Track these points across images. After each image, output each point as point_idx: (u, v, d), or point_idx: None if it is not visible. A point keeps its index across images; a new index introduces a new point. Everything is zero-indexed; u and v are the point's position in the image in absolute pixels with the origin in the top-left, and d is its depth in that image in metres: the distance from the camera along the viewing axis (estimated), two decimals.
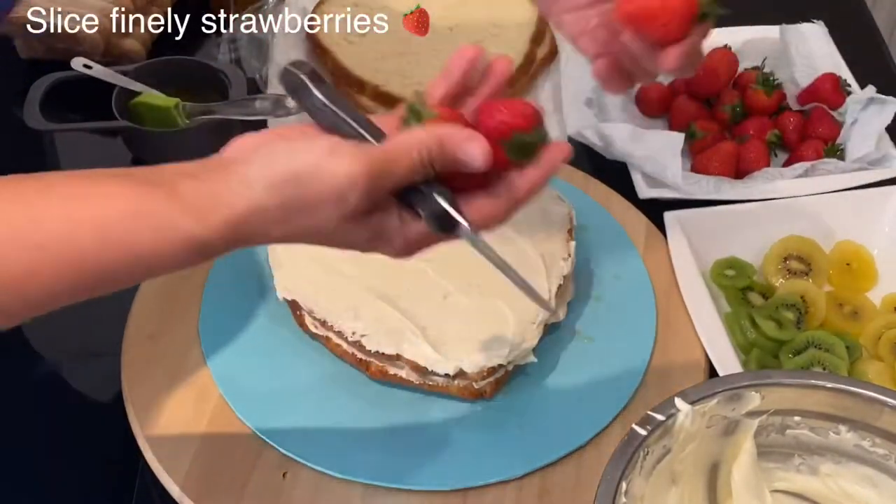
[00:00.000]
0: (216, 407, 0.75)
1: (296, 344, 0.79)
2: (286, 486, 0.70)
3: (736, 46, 1.07)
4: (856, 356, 0.81)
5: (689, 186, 0.92)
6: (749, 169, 0.96)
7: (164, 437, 0.72)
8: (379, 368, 0.75)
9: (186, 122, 0.96)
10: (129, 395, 0.75)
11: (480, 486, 0.71)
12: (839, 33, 1.09)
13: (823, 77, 1.03)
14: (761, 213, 0.90)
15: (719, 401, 0.64)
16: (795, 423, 0.66)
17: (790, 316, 0.83)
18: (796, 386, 0.65)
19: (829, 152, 0.97)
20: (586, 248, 0.86)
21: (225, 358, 0.78)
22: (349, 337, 0.75)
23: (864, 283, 0.88)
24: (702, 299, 0.83)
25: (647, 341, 0.80)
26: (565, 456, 0.72)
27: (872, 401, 0.64)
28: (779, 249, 0.89)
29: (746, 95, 1.02)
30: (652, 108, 1.04)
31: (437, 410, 0.75)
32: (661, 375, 0.78)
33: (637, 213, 0.91)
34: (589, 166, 0.98)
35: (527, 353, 0.75)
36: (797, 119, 1.00)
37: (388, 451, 0.72)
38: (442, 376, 0.74)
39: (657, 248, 0.88)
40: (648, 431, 0.61)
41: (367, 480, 0.70)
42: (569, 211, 0.86)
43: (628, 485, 0.59)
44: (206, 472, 0.71)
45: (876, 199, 0.91)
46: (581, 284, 0.84)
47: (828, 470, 0.68)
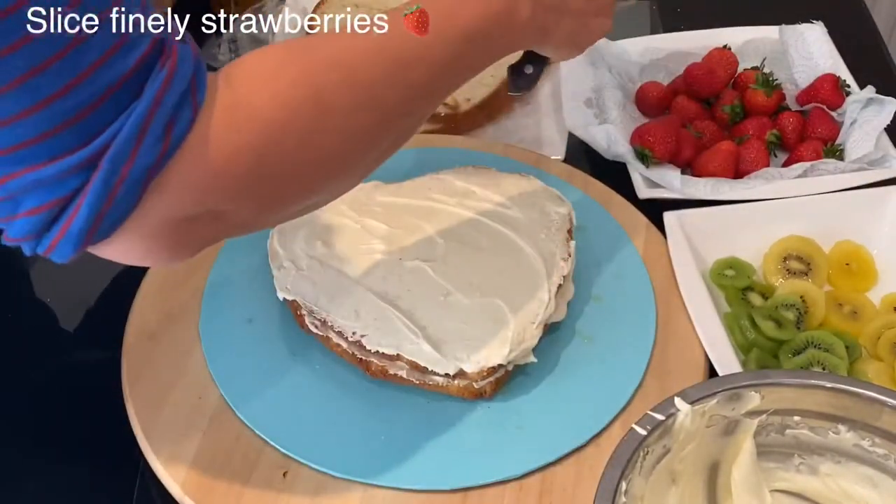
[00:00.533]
0: (216, 407, 0.75)
1: (296, 344, 0.79)
2: (286, 486, 0.70)
3: (735, 46, 1.07)
4: (855, 356, 0.81)
5: (689, 187, 0.92)
6: (748, 169, 0.96)
7: (164, 437, 0.72)
8: (379, 368, 0.75)
9: None
10: (129, 395, 0.75)
11: (480, 486, 0.71)
12: (839, 33, 1.09)
13: (823, 77, 1.03)
14: (761, 213, 0.90)
15: (719, 401, 0.64)
16: (795, 422, 0.66)
17: (790, 316, 0.83)
18: (796, 386, 0.65)
19: (828, 152, 0.97)
20: (586, 248, 0.86)
21: (225, 358, 0.78)
22: (349, 337, 0.75)
23: (863, 283, 0.88)
24: (702, 299, 0.83)
25: (647, 341, 0.80)
26: (565, 456, 0.72)
27: (872, 401, 0.64)
28: (778, 249, 0.89)
29: (746, 95, 1.02)
30: (651, 108, 1.04)
31: (437, 410, 0.75)
32: (661, 375, 0.78)
33: (637, 213, 0.91)
34: (589, 166, 0.98)
35: (527, 353, 0.75)
36: (796, 119, 1.00)
37: (388, 451, 0.72)
38: (442, 376, 0.74)
39: (657, 248, 0.88)
40: (648, 431, 0.61)
41: (367, 480, 0.70)
42: (569, 211, 0.86)
43: (628, 484, 0.59)
44: (206, 472, 0.71)
45: (875, 199, 0.91)
46: (581, 284, 0.84)
47: (827, 470, 0.68)
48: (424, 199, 0.87)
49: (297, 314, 0.80)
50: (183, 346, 0.79)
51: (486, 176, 0.89)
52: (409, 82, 0.58)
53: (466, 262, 0.80)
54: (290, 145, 0.53)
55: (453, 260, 0.81)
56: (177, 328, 0.80)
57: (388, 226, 0.84)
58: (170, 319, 0.81)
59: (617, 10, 0.78)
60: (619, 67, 1.06)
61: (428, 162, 0.92)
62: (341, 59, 0.56)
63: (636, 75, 1.07)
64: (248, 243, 0.86)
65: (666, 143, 0.95)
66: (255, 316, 0.81)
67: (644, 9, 1.23)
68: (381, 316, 0.76)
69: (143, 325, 0.80)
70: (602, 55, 1.06)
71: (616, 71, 1.06)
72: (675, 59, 1.08)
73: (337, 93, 0.55)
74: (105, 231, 0.49)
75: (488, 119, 1.04)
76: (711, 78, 1.03)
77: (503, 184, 0.88)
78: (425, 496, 0.70)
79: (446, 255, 0.81)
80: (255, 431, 0.73)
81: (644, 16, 1.22)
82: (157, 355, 0.78)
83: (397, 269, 0.79)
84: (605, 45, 1.07)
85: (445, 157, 0.93)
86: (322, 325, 0.77)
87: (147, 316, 0.81)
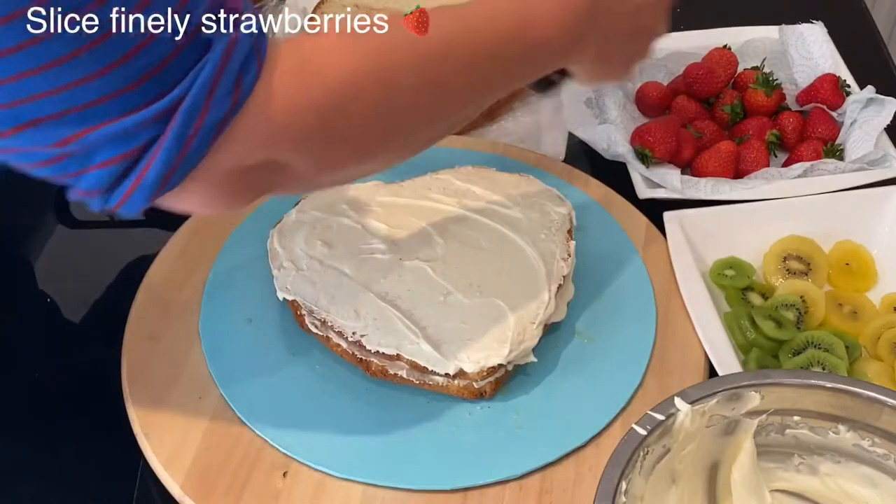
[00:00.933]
0: (216, 407, 0.75)
1: (296, 344, 0.79)
2: (286, 486, 0.70)
3: (735, 46, 1.07)
4: (855, 356, 0.81)
5: (689, 187, 0.92)
6: (748, 169, 0.96)
7: (164, 437, 0.72)
8: (379, 368, 0.75)
9: None
10: (129, 395, 0.75)
11: (480, 486, 0.71)
12: (839, 33, 1.09)
13: (823, 77, 1.03)
14: (761, 213, 0.90)
15: (719, 400, 0.64)
16: (795, 422, 0.66)
17: (790, 316, 0.83)
18: (796, 386, 0.65)
19: (828, 152, 0.97)
20: (586, 248, 0.86)
21: (225, 358, 0.78)
22: (349, 337, 0.75)
23: (863, 283, 0.88)
24: (701, 299, 0.83)
25: (647, 341, 0.80)
26: (565, 455, 0.72)
27: (872, 401, 0.64)
28: (778, 249, 0.89)
29: (746, 95, 1.02)
30: (651, 108, 1.04)
31: (437, 410, 0.75)
32: (661, 375, 0.78)
33: (637, 213, 0.91)
34: (589, 166, 0.98)
35: (527, 353, 0.75)
36: (796, 119, 1.00)
37: (388, 451, 0.72)
38: (442, 376, 0.74)
39: (657, 248, 0.88)
40: (648, 431, 0.61)
41: (367, 480, 0.70)
42: (569, 211, 0.86)
43: (628, 484, 0.59)
44: (206, 472, 0.71)
45: (875, 199, 0.91)
46: (581, 284, 0.84)
47: (827, 469, 0.68)
48: (424, 199, 0.87)
49: (297, 314, 0.80)
50: (183, 346, 0.79)
51: (486, 176, 0.89)
52: (474, 78, 0.62)
53: (466, 262, 0.80)
54: (352, 112, 0.55)
55: (453, 260, 0.81)
56: (177, 328, 0.80)
57: (388, 226, 0.84)
58: (170, 319, 0.81)
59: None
60: None
61: (428, 162, 0.92)
62: (414, 45, 0.58)
63: (636, 75, 1.07)
64: (248, 243, 0.86)
65: (666, 143, 0.95)
66: (255, 316, 0.81)
67: None
68: (381, 316, 0.76)
69: (143, 324, 0.80)
70: None
71: None
72: (675, 59, 1.08)
73: (404, 73, 0.57)
74: (176, 181, 0.51)
75: (488, 119, 1.04)
76: (711, 78, 1.03)
77: (503, 184, 0.88)
78: (425, 496, 0.70)
79: (446, 255, 0.81)
80: (256, 431, 0.73)
81: None
82: (157, 355, 0.78)
83: (397, 269, 0.79)
84: None
85: (445, 157, 0.93)
86: (322, 325, 0.77)
87: (147, 316, 0.81)
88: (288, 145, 0.54)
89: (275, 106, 0.52)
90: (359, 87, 0.55)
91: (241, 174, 0.54)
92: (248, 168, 0.54)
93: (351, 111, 0.55)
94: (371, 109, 0.56)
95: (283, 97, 0.52)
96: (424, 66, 0.59)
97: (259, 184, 0.56)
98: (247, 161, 0.53)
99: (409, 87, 0.58)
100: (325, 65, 0.54)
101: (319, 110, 0.54)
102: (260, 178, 0.56)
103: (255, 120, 0.52)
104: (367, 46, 0.57)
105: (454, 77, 0.61)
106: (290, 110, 0.53)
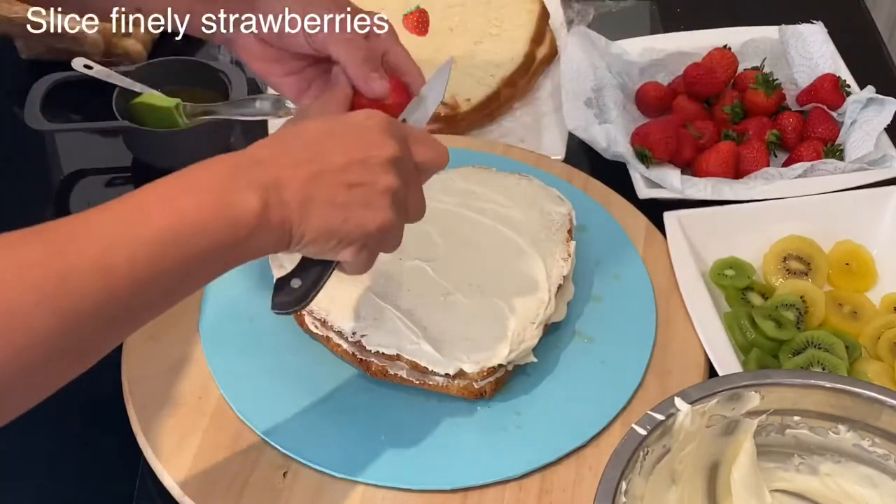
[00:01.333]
0: (216, 407, 0.75)
1: (296, 344, 0.79)
2: (286, 486, 0.70)
3: (735, 46, 1.07)
4: (855, 356, 0.81)
5: (689, 187, 0.92)
6: (748, 169, 0.96)
7: (164, 437, 0.72)
8: (379, 368, 0.75)
9: (187, 122, 0.96)
10: (129, 395, 0.75)
11: (480, 486, 0.71)
12: (839, 33, 1.09)
13: (823, 77, 1.03)
14: (761, 213, 0.90)
15: (719, 401, 0.64)
16: (795, 422, 0.67)
17: (790, 316, 0.83)
18: (796, 386, 0.65)
19: (828, 152, 0.97)
20: (586, 248, 0.86)
21: (225, 358, 0.78)
22: (349, 337, 0.75)
23: (863, 283, 0.88)
24: (701, 299, 0.83)
25: (647, 341, 0.80)
26: (565, 456, 0.72)
27: (872, 401, 0.64)
28: (778, 249, 0.89)
29: (746, 96, 1.02)
30: (651, 108, 1.04)
31: (437, 410, 0.75)
32: (661, 375, 0.78)
33: (637, 213, 0.91)
34: (589, 166, 0.98)
35: (527, 353, 0.75)
36: (796, 119, 1.00)
37: (387, 451, 0.72)
38: (442, 376, 0.74)
39: (657, 248, 0.88)
40: (648, 431, 0.61)
41: (367, 480, 0.70)
42: (569, 211, 0.86)
43: (628, 484, 0.59)
44: (206, 472, 0.71)
45: (875, 199, 0.91)
46: (581, 284, 0.84)
47: (827, 469, 0.68)
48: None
49: (297, 314, 0.80)
50: (183, 346, 0.79)
51: (486, 176, 0.89)
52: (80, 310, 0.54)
53: (466, 262, 0.80)
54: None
55: (453, 260, 0.81)
56: (177, 328, 0.80)
57: None
58: (170, 319, 0.80)
59: (616, 9, 0.77)
60: (619, 67, 1.06)
61: None
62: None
63: (636, 75, 1.07)
64: None
65: (666, 143, 0.95)
66: (255, 316, 0.81)
67: (644, 9, 1.22)
68: (381, 316, 0.76)
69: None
70: (602, 55, 1.06)
71: (616, 71, 1.06)
72: (675, 60, 1.08)
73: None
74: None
75: (488, 119, 1.04)
76: (711, 78, 1.03)
77: (503, 184, 0.88)
78: (425, 496, 0.70)
79: (446, 255, 0.81)
80: (256, 431, 0.73)
81: (644, 16, 1.22)
82: (157, 355, 0.78)
83: (397, 269, 0.79)
84: (605, 45, 1.07)
85: None
86: (322, 325, 0.77)
87: None
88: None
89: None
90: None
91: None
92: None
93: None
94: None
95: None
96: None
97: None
98: None
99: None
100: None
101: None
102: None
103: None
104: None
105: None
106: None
